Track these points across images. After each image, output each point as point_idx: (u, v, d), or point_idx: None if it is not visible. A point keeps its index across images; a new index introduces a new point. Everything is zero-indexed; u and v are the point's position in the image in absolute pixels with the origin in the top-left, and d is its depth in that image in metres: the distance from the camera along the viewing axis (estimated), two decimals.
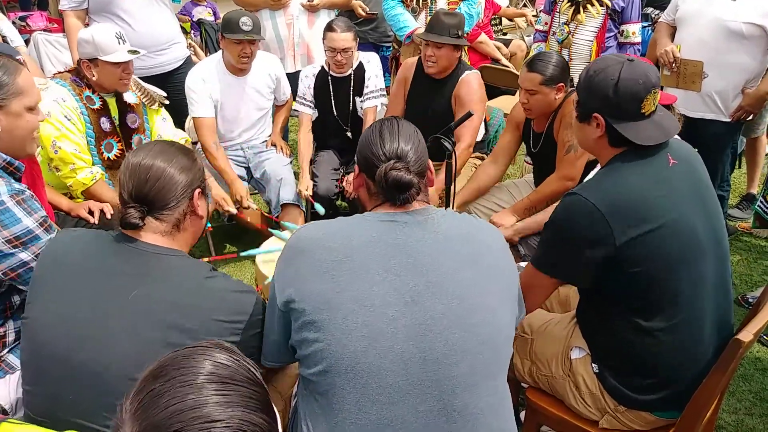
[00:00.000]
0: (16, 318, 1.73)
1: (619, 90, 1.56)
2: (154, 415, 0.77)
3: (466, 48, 4.04)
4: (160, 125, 2.95)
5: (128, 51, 2.58)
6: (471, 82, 3.06)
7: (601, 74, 1.58)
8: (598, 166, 1.75)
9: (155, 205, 1.35)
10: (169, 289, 1.32)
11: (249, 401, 0.81)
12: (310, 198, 3.24)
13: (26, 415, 1.37)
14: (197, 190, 1.42)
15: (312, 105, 3.46)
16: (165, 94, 2.96)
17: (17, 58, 2.19)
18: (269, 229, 2.90)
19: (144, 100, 2.84)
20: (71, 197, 2.65)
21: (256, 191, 3.52)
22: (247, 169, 3.44)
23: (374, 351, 1.21)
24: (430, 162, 1.43)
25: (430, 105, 3.13)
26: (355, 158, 1.45)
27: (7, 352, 1.73)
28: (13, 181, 1.67)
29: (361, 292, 1.24)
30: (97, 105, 2.62)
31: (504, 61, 4.73)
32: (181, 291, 1.32)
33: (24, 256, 1.62)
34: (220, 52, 3.27)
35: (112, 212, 2.52)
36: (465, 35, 3.78)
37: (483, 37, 4.62)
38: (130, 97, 2.75)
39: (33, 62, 3.85)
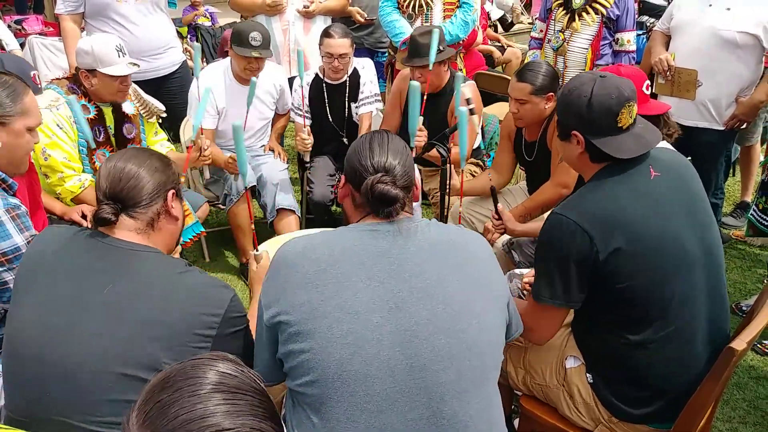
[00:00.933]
0: (2, 327, 1.72)
1: (593, 106, 1.56)
2: (163, 425, 0.77)
3: (461, 54, 4.05)
4: (153, 139, 2.94)
5: (128, 64, 2.56)
6: (466, 95, 3.06)
7: (575, 92, 1.60)
8: None
9: (128, 203, 1.38)
10: (144, 284, 1.32)
11: (257, 410, 0.81)
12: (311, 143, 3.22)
13: (7, 417, 1.37)
14: (171, 191, 1.44)
15: (307, 115, 3.45)
16: (163, 108, 2.94)
17: (32, 73, 2.17)
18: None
19: (142, 112, 2.83)
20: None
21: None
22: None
23: (360, 358, 1.21)
24: (417, 178, 1.43)
25: (426, 118, 3.13)
26: (344, 168, 1.45)
27: None
28: (8, 195, 1.67)
29: (345, 300, 1.24)
30: (92, 114, 2.60)
31: (497, 54, 4.75)
32: (156, 286, 1.33)
33: (7, 276, 1.62)
34: (228, 59, 3.27)
35: None
36: (460, 41, 3.80)
37: (479, 39, 4.65)
38: (128, 108, 2.73)
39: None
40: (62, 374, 1.26)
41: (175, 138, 3.64)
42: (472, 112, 2.40)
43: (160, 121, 2.99)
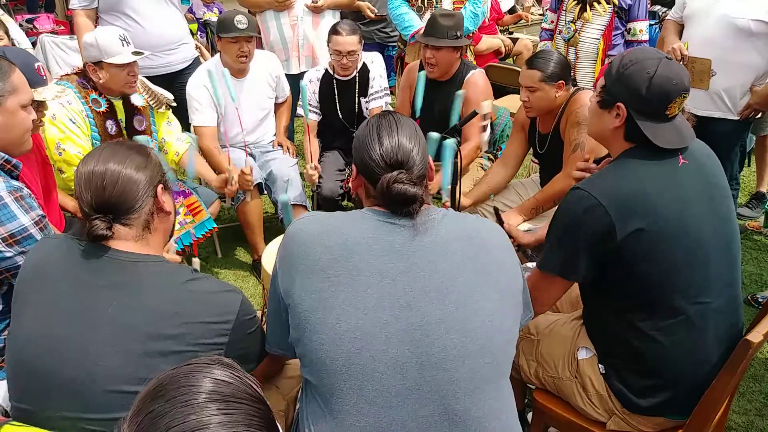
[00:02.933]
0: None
1: (653, 86, 1.52)
2: None
3: (472, 48, 4.03)
4: (166, 128, 2.95)
5: (132, 53, 2.58)
6: (477, 81, 3.05)
7: (637, 65, 1.54)
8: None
9: (120, 211, 1.29)
10: (150, 297, 1.26)
11: (252, 419, 0.79)
12: (317, 177, 3.23)
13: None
14: (159, 186, 1.36)
15: (317, 110, 3.45)
16: (172, 97, 2.96)
17: (36, 65, 2.19)
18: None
19: (151, 102, 2.84)
20: None
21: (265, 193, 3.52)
22: (253, 156, 3.45)
23: (368, 353, 1.20)
24: (429, 158, 1.38)
25: (436, 107, 3.12)
26: (353, 158, 1.40)
27: None
28: (10, 178, 1.67)
29: (354, 295, 1.22)
30: (103, 108, 2.63)
31: (507, 42, 4.73)
32: (162, 298, 1.27)
33: (20, 259, 1.61)
34: (217, 55, 3.27)
35: None
36: (468, 35, 3.78)
37: (483, 43, 4.62)
38: (137, 100, 2.75)
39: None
40: (72, 393, 1.22)
41: None
42: (475, 113, 2.40)
43: (170, 110, 3.00)
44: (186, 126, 3.46)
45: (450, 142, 1.97)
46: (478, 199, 2.86)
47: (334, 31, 3.22)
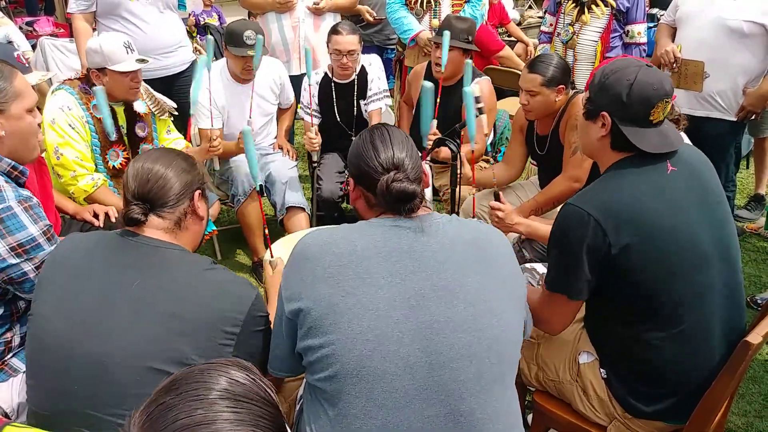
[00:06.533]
0: (23, 322, 1.74)
1: (633, 92, 1.54)
2: (160, 428, 0.77)
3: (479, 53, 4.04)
4: (166, 137, 2.96)
5: (136, 60, 2.58)
6: (482, 90, 3.05)
7: (618, 74, 1.57)
8: None
9: (156, 203, 1.42)
10: (170, 280, 1.37)
11: (260, 420, 0.80)
12: (318, 144, 3.23)
13: (30, 411, 1.39)
14: (197, 192, 1.49)
15: (317, 113, 3.46)
16: (175, 105, 2.97)
17: (15, 53, 2.19)
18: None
19: (154, 110, 2.85)
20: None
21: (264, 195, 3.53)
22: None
23: (380, 355, 1.21)
24: (425, 166, 1.44)
25: (441, 112, 3.13)
26: (348, 170, 1.44)
27: (12, 356, 1.73)
28: (18, 187, 1.67)
29: (366, 296, 1.24)
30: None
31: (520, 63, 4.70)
32: (182, 282, 1.37)
33: (26, 266, 1.62)
34: (224, 59, 3.28)
35: (116, 215, 2.53)
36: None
37: (506, 51, 4.58)
38: (139, 106, 2.75)
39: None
40: (90, 367, 1.29)
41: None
42: (480, 111, 2.39)
43: (172, 119, 3.01)
44: (185, 130, 3.46)
45: (468, 90, 2.09)
46: (484, 177, 2.87)
47: (333, 30, 3.23)
